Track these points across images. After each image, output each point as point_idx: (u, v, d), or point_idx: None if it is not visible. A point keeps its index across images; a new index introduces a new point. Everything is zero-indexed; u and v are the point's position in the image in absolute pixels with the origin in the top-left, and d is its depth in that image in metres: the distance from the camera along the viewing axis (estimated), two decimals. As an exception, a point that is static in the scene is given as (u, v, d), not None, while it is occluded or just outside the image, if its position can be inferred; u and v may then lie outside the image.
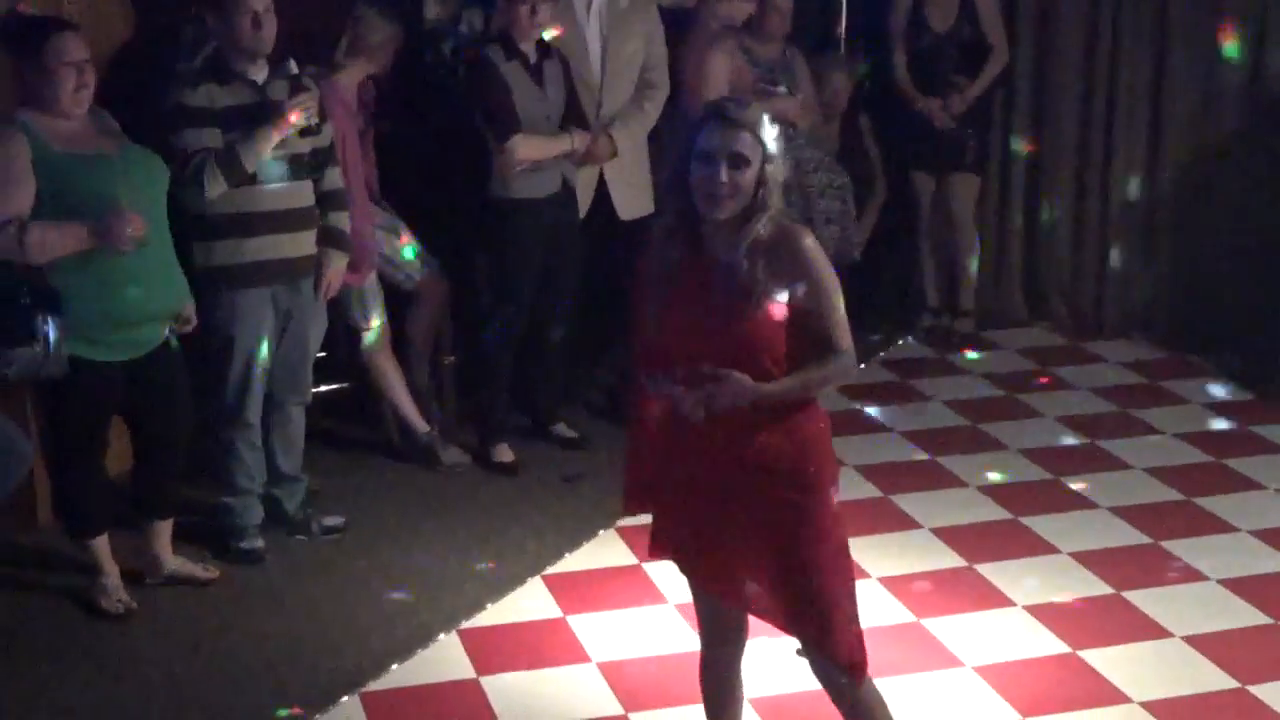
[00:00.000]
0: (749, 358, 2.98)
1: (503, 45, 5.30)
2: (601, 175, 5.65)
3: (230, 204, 4.54)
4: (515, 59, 5.28)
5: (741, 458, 3.07)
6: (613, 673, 4.17)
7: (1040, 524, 5.07)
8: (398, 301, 5.53)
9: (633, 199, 5.75)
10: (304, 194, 4.69)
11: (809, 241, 3.04)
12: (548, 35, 5.36)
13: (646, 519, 5.14)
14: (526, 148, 5.26)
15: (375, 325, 5.33)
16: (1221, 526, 5.11)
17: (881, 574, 4.72)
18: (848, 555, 3.17)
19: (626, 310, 6.13)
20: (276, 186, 4.59)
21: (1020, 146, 7.20)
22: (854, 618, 3.16)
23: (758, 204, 2.99)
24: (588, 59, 5.57)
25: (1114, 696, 4.04)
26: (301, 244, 4.69)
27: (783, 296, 2.99)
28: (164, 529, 4.60)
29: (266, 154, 4.49)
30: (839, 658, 3.13)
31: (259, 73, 4.58)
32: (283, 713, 3.99)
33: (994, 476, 5.50)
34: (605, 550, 4.94)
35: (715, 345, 2.99)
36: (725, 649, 3.38)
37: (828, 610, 3.10)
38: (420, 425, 5.53)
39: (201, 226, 4.57)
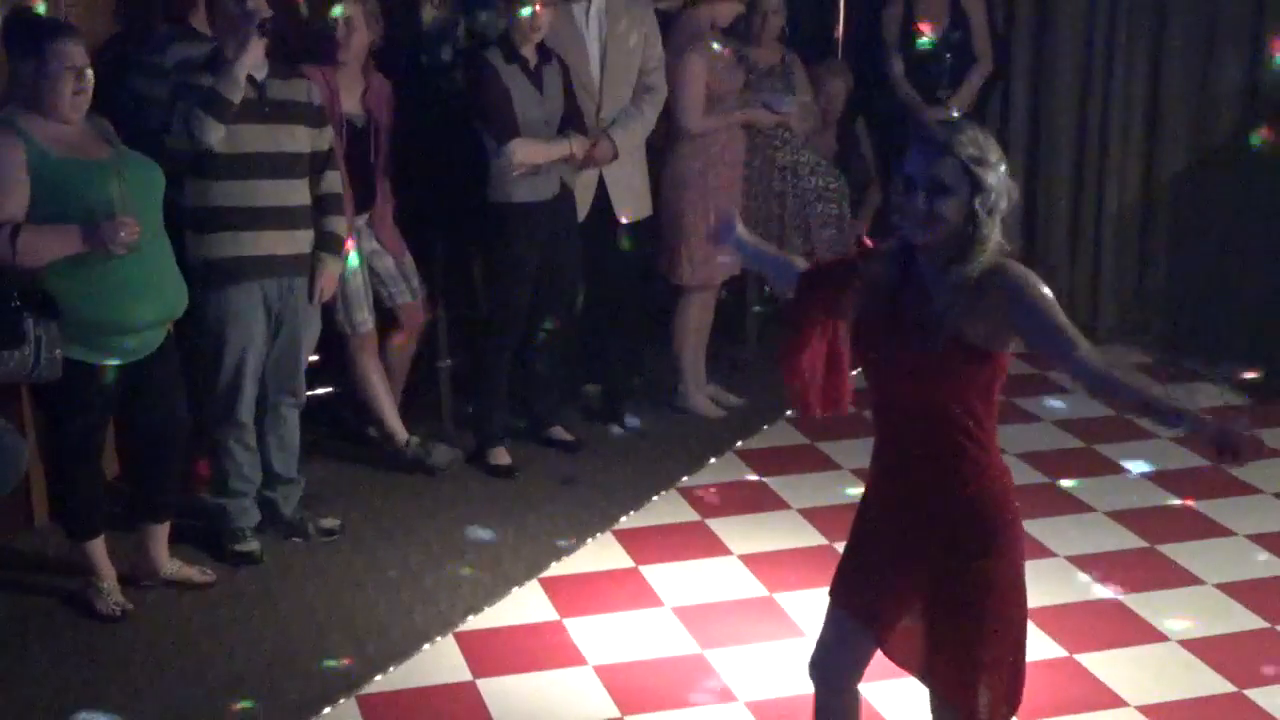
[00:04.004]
0: (946, 399, 2.89)
1: (502, 49, 5.30)
2: (601, 178, 5.65)
3: (223, 197, 4.55)
4: (515, 62, 5.28)
5: (919, 514, 2.98)
6: (609, 676, 4.17)
7: (1037, 528, 5.06)
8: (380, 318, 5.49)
9: (632, 202, 5.76)
10: (299, 192, 4.70)
11: (1015, 268, 2.85)
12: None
13: (641, 522, 5.18)
14: (525, 151, 5.27)
15: (361, 330, 5.31)
16: (1219, 530, 5.12)
17: (878, 577, 4.72)
18: (1015, 624, 3.00)
19: (623, 312, 6.15)
20: (271, 182, 4.59)
21: (1016, 152, 7.21)
22: (1007, 686, 2.99)
23: (971, 237, 2.81)
24: (587, 63, 5.58)
25: (1111, 700, 4.04)
26: (294, 242, 4.70)
27: (980, 331, 2.83)
28: (160, 532, 4.60)
29: (243, 78, 4.46)
30: (975, 714, 2.99)
31: (260, 70, 4.59)
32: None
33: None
34: (602, 553, 4.94)
35: (901, 374, 2.92)
36: (842, 697, 3.20)
37: (975, 671, 2.96)
38: (400, 433, 5.50)
39: (194, 219, 4.58)
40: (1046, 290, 2.85)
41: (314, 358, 5.03)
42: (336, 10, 5.03)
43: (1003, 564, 2.96)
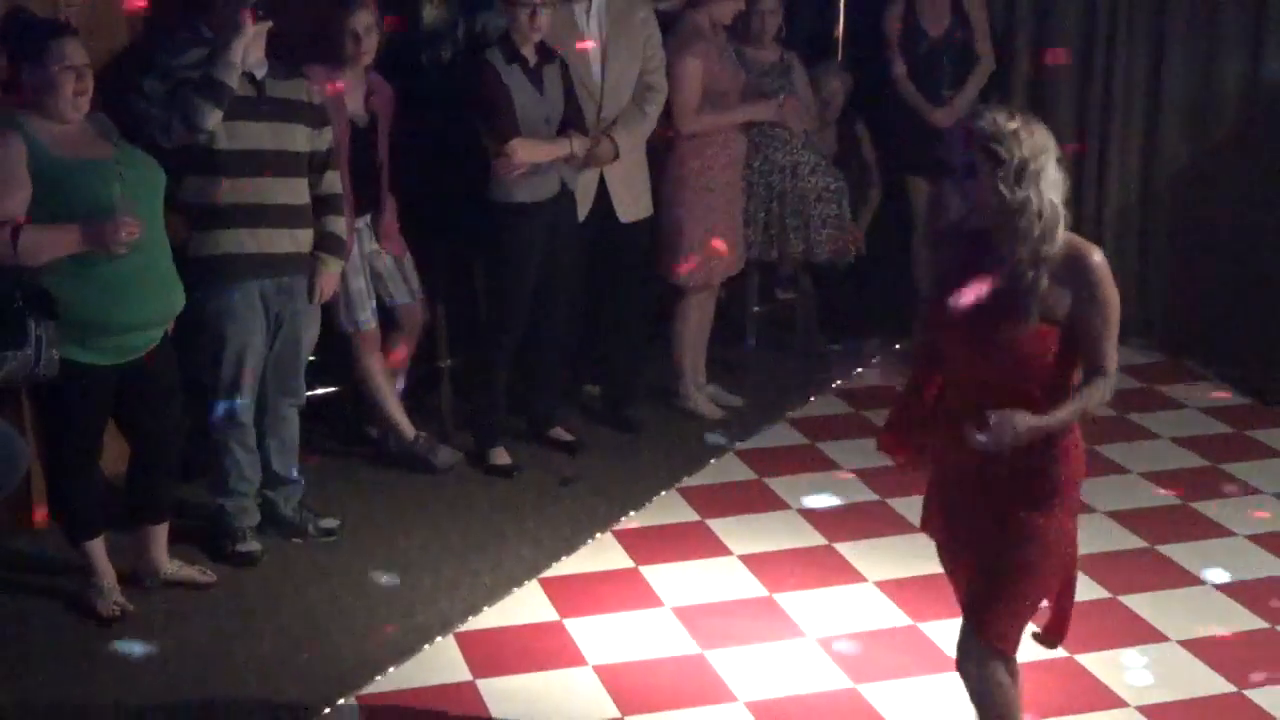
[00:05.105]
0: (1015, 368, 3.08)
1: (502, 49, 5.30)
2: (601, 178, 5.65)
3: (223, 194, 4.55)
4: (515, 62, 5.29)
5: (985, 477, 3.18)
6: (609, 676, 4.17)
7: (1037, 528, 5.05)
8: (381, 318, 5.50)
9: (632, 202, 5.76)
10: (298, 191, 4.70)
11: (1097, 259, 3.09)
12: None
13: (641, 522, 5.18)
14: (525, 151, 5.27)
15: (364, 329, 5.31)
16: (1218, 530, 5.11)
17: (879, 578, 4.73)
18: (1057, 566, 3.21)
19: (623, 312, 6.14)
20: (271, 180, 4.59)
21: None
22: (1025, 615, 3.23)
23: (1010, 211, 3.02)
24: (588, 63, 5.57)
25: (1111, 700, 4.05)
26: (293, 241, 4.70)
27: (1058, 312, 3.05)
28: (160, 532, 4.59)
29: (238, 60, 4.45)
30: (984, 635, 3.22)
31: (260, 69, 4.60)
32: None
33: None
34: (602, 553, 4.94)
35: (983, 351, 3.10)
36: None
37: (1005, 602, 3.19)
38: (408, 431, 5.51)
39: (194, 216, 4.58)
40: (1115, 293, 3.08)
41: (313, 358, 5.03)
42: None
43: (1052, 521, 3.15)
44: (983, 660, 3.23)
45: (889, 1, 6.86)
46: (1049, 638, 3.39)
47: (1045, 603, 3.30)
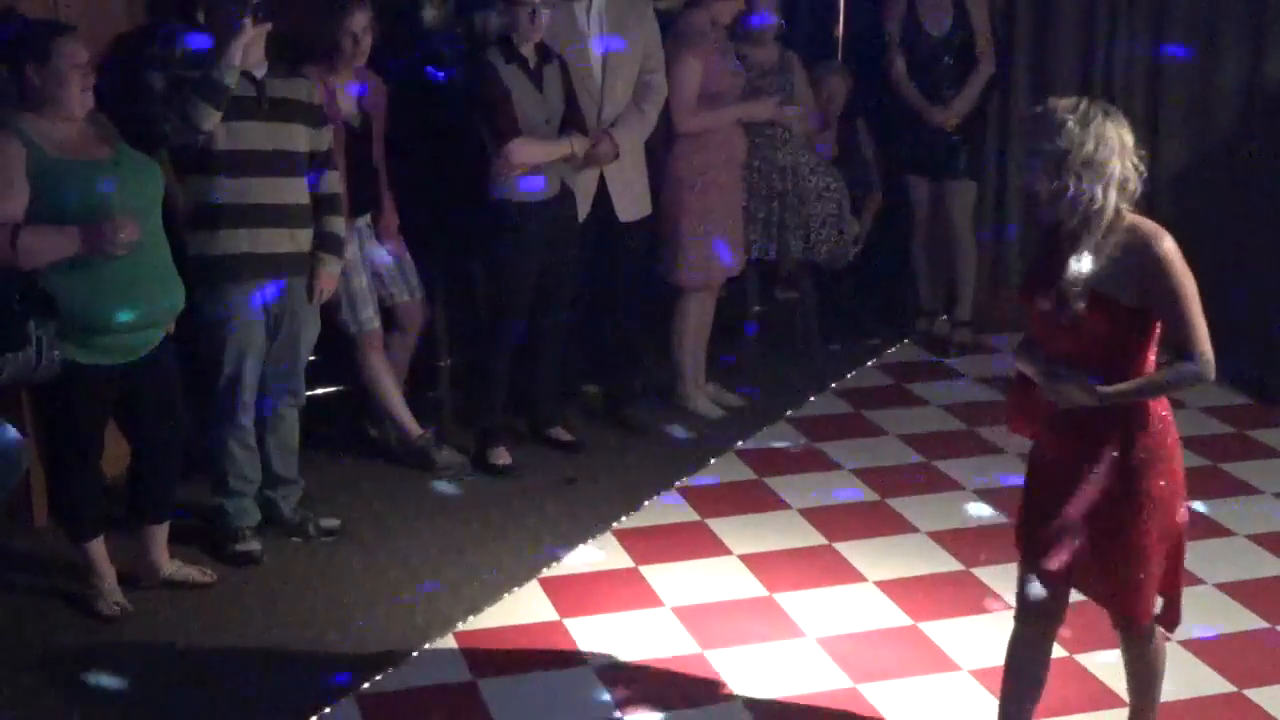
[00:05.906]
0: (1094, 354, 3.24)
1: (502, 49, 5.31)
2: (601, 178, 5.65)
3: (223, 194, 4.56)
4: (515, 62, 5.29)
5: (1078, 443, 3.34)
6: (609, 676, 4.17)
7: (1037, 528, 5.05)
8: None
9: (632, 201, 5.76)
10: (297, 191, 4.70)
11: (1167, 245, 3.21)
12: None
13: (641, 522, 5.18)
14: (525, 151, 5.27)
15: (368, 328, 5.32)
16: (1219, 530, 5.11)
17: (878, 578, 4.73)
18: (1169, 538, 3.45)
19: (623, 313, 6.15)
20: (270, 180, 4.60)
21: (1016, 152, 7.20)
22: (1153, 584, 3.43)
23: (1058, 202, 3.17)
24: (588, 63, 5.58)
25: (1111, 700, 4.04)
26: (293, 241, 4.70)
27: (1125, 298, 3.19)
28: (160, 532, 4.60)
29: (237, 60, 4.45)
30: (1127, 613, 3.48)
31: (259, 69, 4.60)
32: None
33: (990, 480, 5.49)
34: (602, 553, 4.94)
35: (1063, 339, 3.26)
36: (1036, 623, 3.49)
37: (1131, 581, 3.40)
38: (414, 428, 5.52)
39: (194, 216, 4.58)
40: (1188, 277, 3.21)
41: (313, 357, 5.03)
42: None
43: (1144, 490, 3.37)
44: (1143, 641, 3.53)
45: (889, 1, 6.86)
46: (1163, 622, 3.58)
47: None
